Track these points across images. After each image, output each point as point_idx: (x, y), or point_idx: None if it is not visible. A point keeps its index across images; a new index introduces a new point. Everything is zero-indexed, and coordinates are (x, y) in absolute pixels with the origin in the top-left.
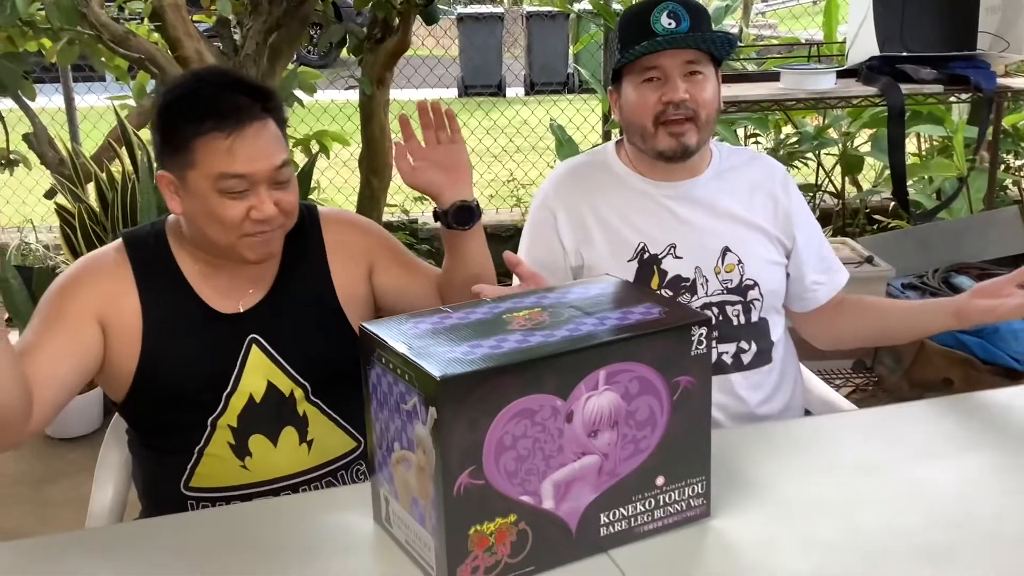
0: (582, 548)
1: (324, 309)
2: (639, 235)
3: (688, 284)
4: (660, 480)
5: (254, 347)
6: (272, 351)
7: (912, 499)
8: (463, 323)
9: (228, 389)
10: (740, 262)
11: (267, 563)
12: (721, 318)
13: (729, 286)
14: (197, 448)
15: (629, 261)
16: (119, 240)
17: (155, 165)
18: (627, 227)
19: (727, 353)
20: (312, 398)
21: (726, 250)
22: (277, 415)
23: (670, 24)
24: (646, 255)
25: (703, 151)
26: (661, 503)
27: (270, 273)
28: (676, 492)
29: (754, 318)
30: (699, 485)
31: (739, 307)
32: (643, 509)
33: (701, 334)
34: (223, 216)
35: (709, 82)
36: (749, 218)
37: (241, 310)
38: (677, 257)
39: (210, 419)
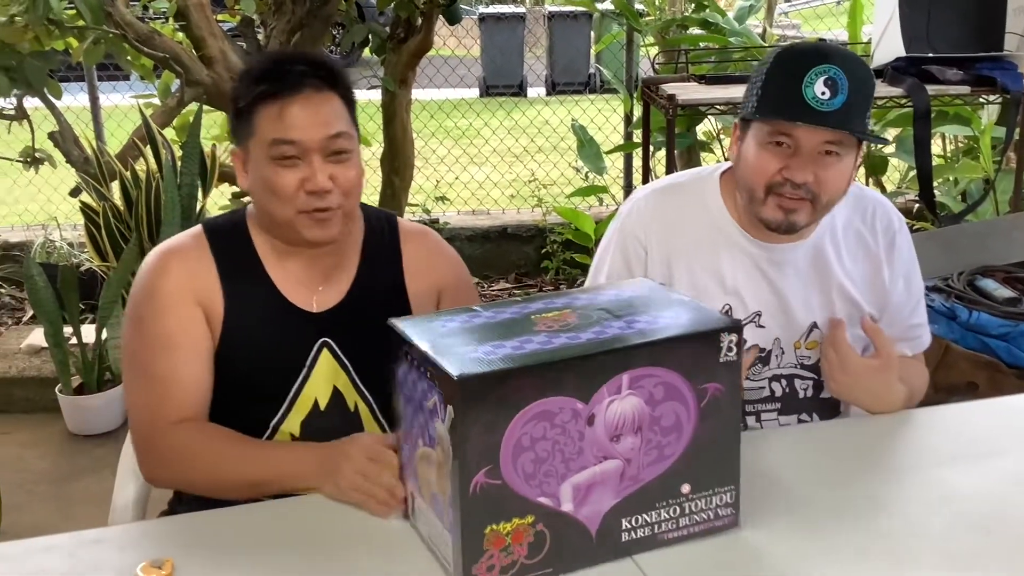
0: (603, 552)
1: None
2: (726, 296)
3: (763, 356)
4: (686, 488)
5: (325, 350)
6: (342, 357)
7: (939, 504)
8: (491, 322)
9: (295, 387)
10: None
11: (294, 557)
12: (788, 390)
13: (806, 362)
14: None
15: None
16: (197, 227)
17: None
18: (715, 284)
19: (787, 425)
20: (380, 419)
21: (813, 327)
22: (341, 432)
23: (823, 95)
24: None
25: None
26: (687, 511)
27: (346, 273)
28: (703, 501)
29: (824, 393)
30: (727, 495)
31: (810, 383)
32: (667, 516)
33: (731, 341)
34: (277, 185)
35: (843, 164)
36: (845, 291)
37: (316, 310)
38: (760, 326)
39: (273, 422)
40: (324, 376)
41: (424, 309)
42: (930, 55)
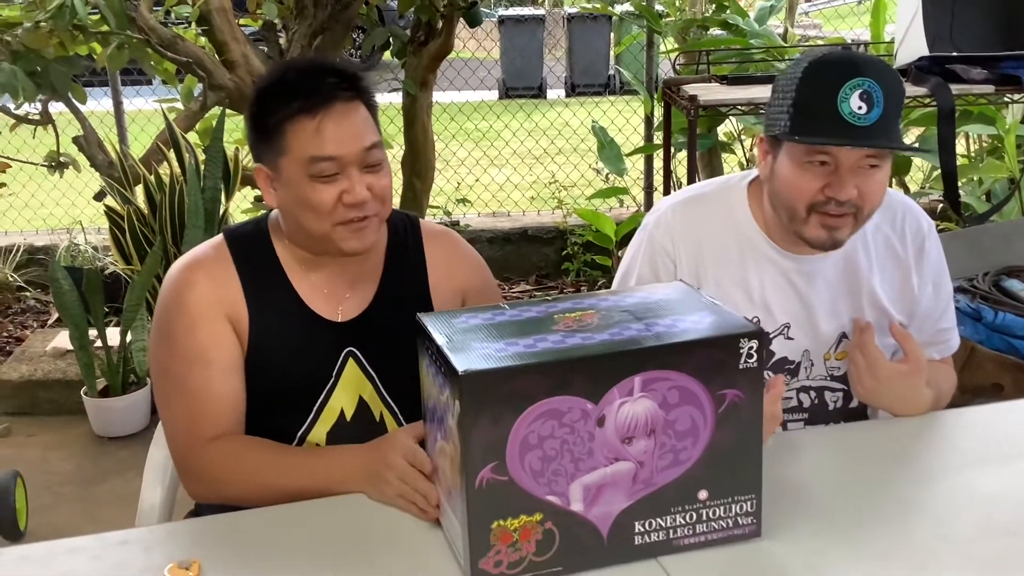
0: (615, 554)
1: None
2: (754, 308)
3: (792, 367)
4: (703, 494)
5: (351, 360)
6: (368, 367)
7: (964, 507)
8: (513, 320)
9: (322, 397)
10: None
11: (320, 558)
12: (816, 402)
13: (835, 373)
14: None
15: None
16: (219, 237)
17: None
18: (743, 296)
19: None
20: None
21: (842, 337)
22: (366, 441)
23: (860, 109)
24: None
25: None
26: (704, 517)
27: (370, 281)
28: (721, 508)
29: (854, 403)
30: (749, 503)
31: (840, 394)
32: (683, 522)
33: (751, 347)
34: (316, 202)
35: (882, 174)
36: (876, 299)
37: (340, 319)
38: (788, 338)
39: (300, 432)
40: (350, 386)
41: (450, 307)
42: (954, 54)
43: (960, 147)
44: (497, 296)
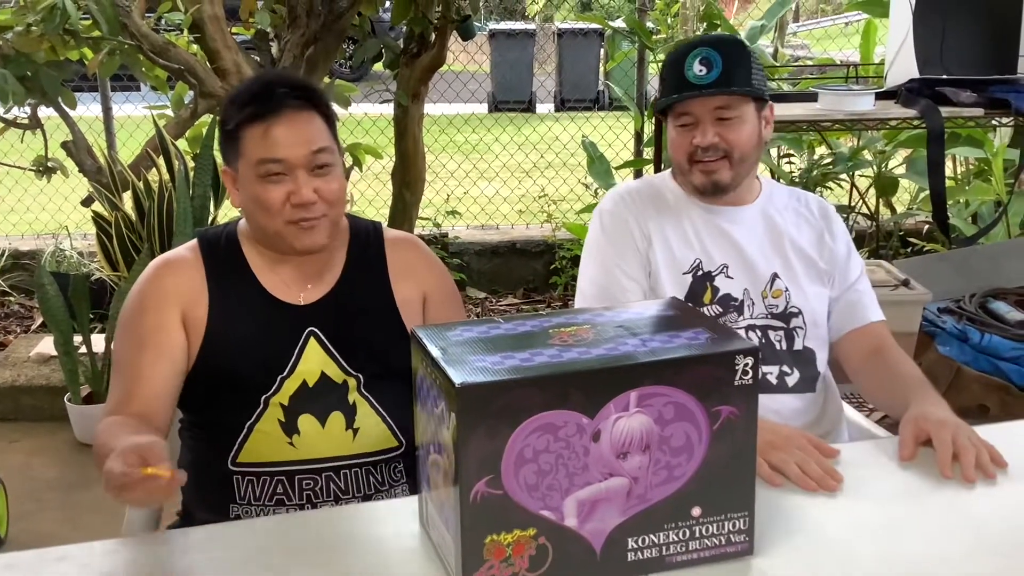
0: (607, 571)
1: (382, 311)
2: (695, 252)
3: (736, 304)
4: (696, 511)
5: (312, 339)
6: (329, 345)
7: (954, 527)
8: (508, 334)
9: (283, 374)
10: (787, 290)
11: (308, 568)
12: (763, 341)
13: (774, 311)
14: (248, 423)
15: (684, 274)
16: (194, 240)
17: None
18: (684, 244)
19: (770, 374)
20: (363, 391)
21: (775, 276)
22: (328, 400)
23: (701, 71)
24: (700, 272)
25: (750, 183)
26: (697, 535)
27: (332, 274)
28: (714, 525)
29: (797, 346)
30: (741, 521)
31: (781, 333)
32: (676, 539)
33: (746, 364)
34: (265, 201)
35: (743, 123)
36: (798, 247)
37: (302, 303)
38: (729, 277)
39: (263, 397)
40: (311, 362)
41: (410, 309)
42: (944, 77)
43: (947, 169)
44: (459, 303)
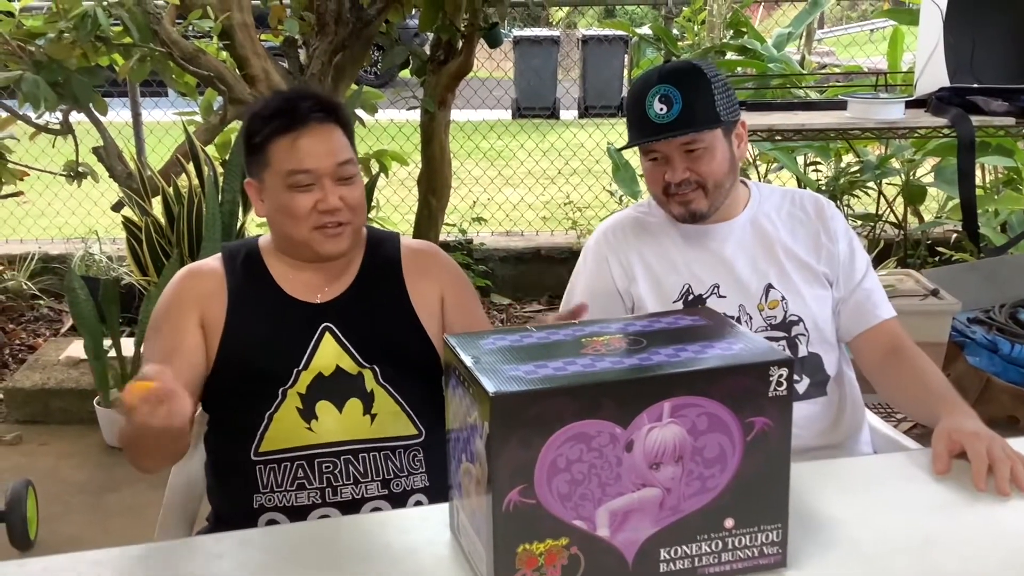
0: None
1: (397, 309)
2: (683, 277)
3: (734, 320)
4: (729, 523)
5: (327, 334)
6: (344, 340)
7: (988, 540)
8: (541, 343)
9: (299, 367)
10: (783, 298)
11: (338, 574)
12: None
13: (773, 323)
14: (268, 413)
15: (675, 302)
16: (220, 251)
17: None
18: (671, 271)
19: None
20: (381, 380)
21: (769, 287)
22: (345, 388)
23: (661, 110)
24: (691, 296)
25: (734, 198)
26: (730, 546)
27: (348, 275)
28: (747, 537)
29: (802, 352)
30: (774, 533)
31: (783, 343)
32: (709, 550)
33: (781, 375)
34: (294, 208)
35: (712, 152)
36: (792, 253)
37: (319, 301)
38: (721, 296)
39: (281, 388)
40: (327, 356)
41: (427, 309)
42: (975, 85)
43: (976, 178)
44: (477, 304)
